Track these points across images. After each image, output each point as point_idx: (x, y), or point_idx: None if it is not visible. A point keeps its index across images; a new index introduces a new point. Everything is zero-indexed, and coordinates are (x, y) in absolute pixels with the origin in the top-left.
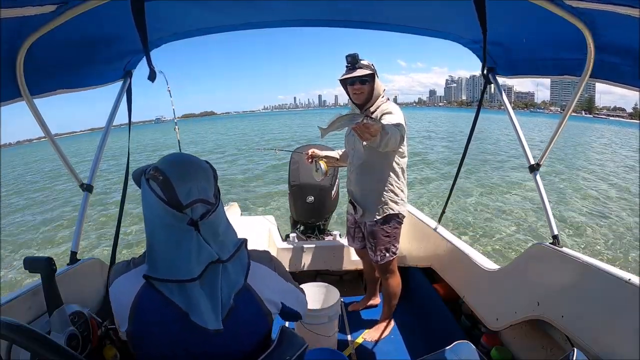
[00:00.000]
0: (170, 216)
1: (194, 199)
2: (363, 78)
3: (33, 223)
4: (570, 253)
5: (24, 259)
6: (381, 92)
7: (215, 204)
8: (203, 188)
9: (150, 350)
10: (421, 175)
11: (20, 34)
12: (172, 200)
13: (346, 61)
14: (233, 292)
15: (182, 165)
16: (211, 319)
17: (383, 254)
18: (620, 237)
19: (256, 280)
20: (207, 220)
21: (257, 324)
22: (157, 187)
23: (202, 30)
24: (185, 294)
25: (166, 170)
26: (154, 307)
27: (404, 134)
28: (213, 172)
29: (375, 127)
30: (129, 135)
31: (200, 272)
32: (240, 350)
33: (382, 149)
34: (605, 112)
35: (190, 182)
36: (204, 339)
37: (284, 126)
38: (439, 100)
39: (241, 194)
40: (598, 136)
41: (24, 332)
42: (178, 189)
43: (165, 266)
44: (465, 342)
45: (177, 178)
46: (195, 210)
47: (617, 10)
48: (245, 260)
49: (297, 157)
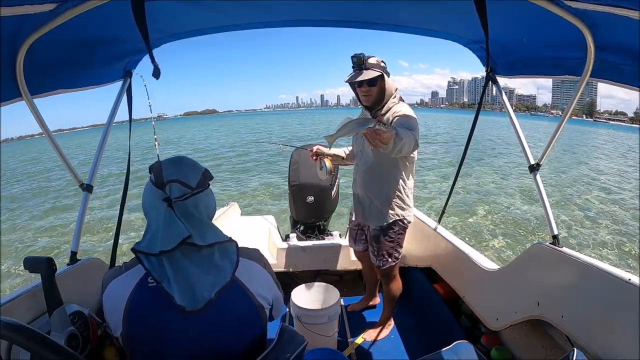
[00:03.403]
0: (153, 193)
1: (172, 178)
2: (371, 80)
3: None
4: (570, 253)
5: (24, 259)
6: (393, 91)
7: (193, 189)
8: (185, 173)
9: (145, 350)
10: (421, 176)
11: (20, 34)
12: (158, 180)
13: (352, 62)
14: (217, 286)
15: (177, 157)
16: (180, 295)
17: (385, 259)
18: (620, 237)
19: (245, 275)
20: (182, 203)
21: (249, 317)
22: (152, 175)
23: (202, 31)
24: (160, 265)
25: (162, 161)
26: (146, 305)
27: (418, 138)
28: (206, 171)
29: (387, 134)
30: (130, 136)
31: (172, 248)
32: (237, 347)
33: (394, 155)
34: (607, 116)
35: (177, 167)
36: (192, 334)
37: (291, 125)
38: (441, 102)
39: (241, 193)
40: (601, 141)
41: (24, 332)
42: (164, 172)
43: (149, 240)
44: (465, 342)
45: (167, 164)
46: (172, 189)
47: (617, 12)
48: (234, 256)
49: (297, 157)
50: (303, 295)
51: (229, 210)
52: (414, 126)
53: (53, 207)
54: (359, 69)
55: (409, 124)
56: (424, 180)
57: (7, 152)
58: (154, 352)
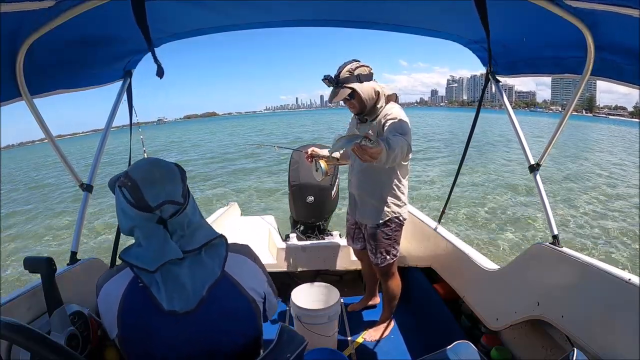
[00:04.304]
0: (140, 217)
1: (162, 201)
2: (346, 98)
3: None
4: (570, 253)
5: (24, 259)
6: (373, 95)
7: (183, 204)
8: (170, 190)
9: (137, 352)
10: (421, 175)
11: (20, 33)
12: (141, 203)
13: (325, 84)
14: (207, 283)
15: (149, 171)
16: (170, 298)
17: (384, 257)
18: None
19: (235, 269)
20: (176, 218)
21: (241, 311)
22: (127, 193)
23: (202, 30)
24: (153, 279)
25: (134, 176)
26: (137, 307)
27: (410, 142)
28: (181, 173)
29: (374, 150)
30: (130, 136)
31: (157, 268)
32: (230, 342)
33: (389, 165)
34: (606, 111)
35: (157, 186)
36: (185, 330)
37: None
38: (440, 100)
39: (240, 194)
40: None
41: (24, 332)
42: (146, 193)
43: (134, 253)
44: (465, 342)
45: (144, 183)
46: (164, 210)
47: (617, 11)
48: (222, 252)
49: (297, 157)
50: (303, 295)
51: (229, 210)
52: (405, 130)
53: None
54: (335, 87)
55: (401, 128)
56: (425, 180)
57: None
58: (146, 355)
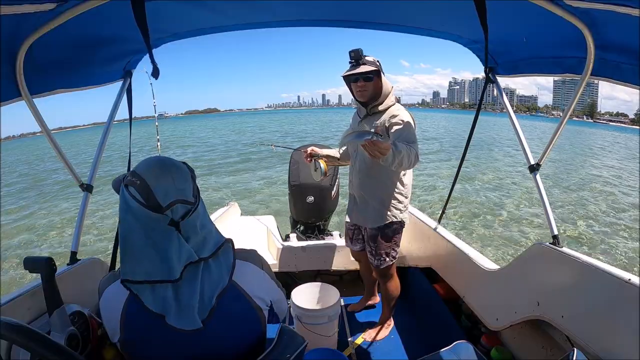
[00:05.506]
0: (150, 219)
1: (173, 200)
2: (367, 75)
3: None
4: (570, 253)
5: (24, 259)
6: (389, 89)
7: (195, 204)
8: (181, 189)
9: (144, 357)
10: (422, 176)
11: (20, 33)
12: (151, 202)
13: (349, 57)
14: (216, 293)
15: (158, 168)
16: (188, 320)
17: (383, 259)
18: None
19: (242, 277)
20: (188, 220)
21: (248, 320)
22: (136, 192)
23: (202, 30)
24: (160, 296)
25: (143, 174)
26: (142, 313)
27: (418, 151)
28: (191, 172)
29: (385, 145)
30: (130, 136)
31: (180, 273)
32: (235, 350)
33: (394, 168)
34: (607, 117)
35: (167, 184)
36: (192, 341)
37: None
38: (442, 102)
39: (240, 193)
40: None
41: (24, 332)
42: (156, 192)
43: (142, 268)
44: (465, 342)
45: (154, 181)
46: (175, 211)
47: (617, 10)
48: (230, 259)
49: (297, 157)
50: (303, 295)
51: (229, 210)
52: (412, 139)
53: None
54: (356, 64)
55: (408, 137)
56: (428, 179)
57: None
58: (149, 359)
